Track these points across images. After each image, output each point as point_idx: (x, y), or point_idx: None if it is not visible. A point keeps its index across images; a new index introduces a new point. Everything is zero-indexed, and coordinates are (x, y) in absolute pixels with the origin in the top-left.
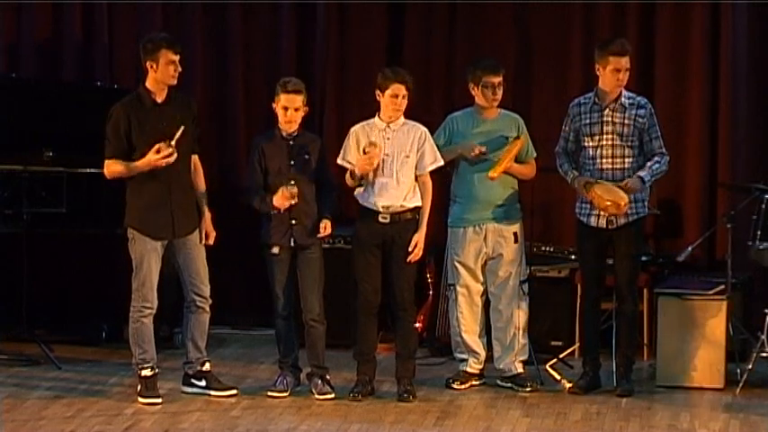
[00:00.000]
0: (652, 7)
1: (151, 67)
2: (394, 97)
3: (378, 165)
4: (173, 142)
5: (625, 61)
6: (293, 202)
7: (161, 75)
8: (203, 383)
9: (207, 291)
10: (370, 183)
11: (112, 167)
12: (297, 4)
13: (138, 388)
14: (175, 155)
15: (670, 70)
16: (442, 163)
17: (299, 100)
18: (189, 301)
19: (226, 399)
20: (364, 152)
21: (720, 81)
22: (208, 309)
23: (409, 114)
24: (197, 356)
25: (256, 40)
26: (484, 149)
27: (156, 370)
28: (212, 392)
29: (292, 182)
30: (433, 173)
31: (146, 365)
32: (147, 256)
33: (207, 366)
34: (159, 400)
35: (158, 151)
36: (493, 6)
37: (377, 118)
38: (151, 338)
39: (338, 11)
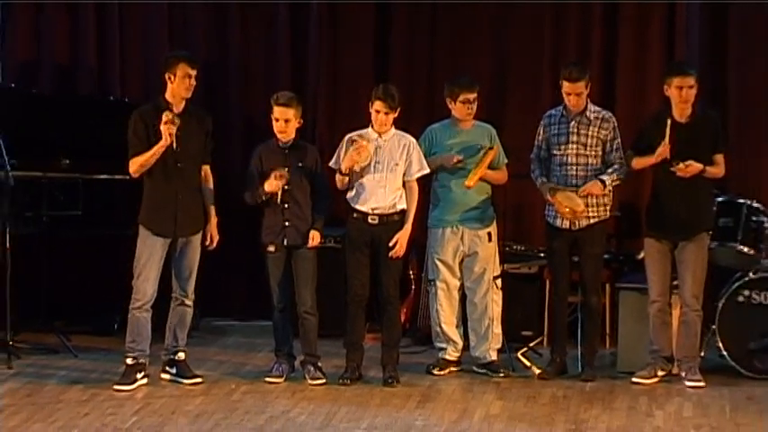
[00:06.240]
0: (615, 34)
1: (169, 78)
2: (376, 112)
3: (366, 161)
4: (167, 112)
5: (573, 87)
6: (283, 184)
7: (177, 87)
8: (174, 371)
9: (191, 288)
10: (358, 178)
11: (135, 162)
12: (291, 24)
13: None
14: (176, 120)
15: (631, 84)
16: (427, 171)
17: (289, 112)
18: (173, 294)
19: (195, 386)
20: (352, 142)
21: None
22: (189, 303)
23: (395, 125)
24: (173, 345)
25: (254, 57)
26: (461, 158)
27: (140, 360)
28: (183, 380)
29: (285, 168)
30: (418, 179)
31: (130, 354)
32: (148, 251)
33: (181, 356)
34: (129, 388)
35: (165, 124)
36: (471, 29)
37: (370, 128)
38: (142, 331)
39: (330, 26)
